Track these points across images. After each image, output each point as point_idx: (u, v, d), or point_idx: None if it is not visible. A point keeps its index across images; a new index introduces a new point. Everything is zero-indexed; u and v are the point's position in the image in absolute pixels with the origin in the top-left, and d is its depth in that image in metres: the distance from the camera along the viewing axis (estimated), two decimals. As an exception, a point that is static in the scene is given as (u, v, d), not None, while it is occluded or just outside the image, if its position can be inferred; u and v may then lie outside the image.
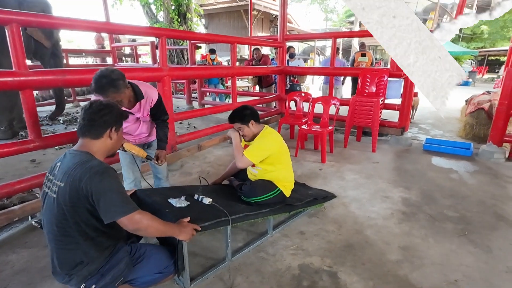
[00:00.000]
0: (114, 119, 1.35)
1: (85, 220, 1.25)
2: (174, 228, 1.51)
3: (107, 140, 1.35)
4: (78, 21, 2.56)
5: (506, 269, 1.93)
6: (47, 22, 2.54)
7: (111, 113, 1.33)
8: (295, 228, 2.39)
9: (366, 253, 2.09)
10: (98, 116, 1.30)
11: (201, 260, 2.00)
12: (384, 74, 4.45)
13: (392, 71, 4.42)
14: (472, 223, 2.45)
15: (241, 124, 2.18)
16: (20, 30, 2.21)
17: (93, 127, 1.30)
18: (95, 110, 1.30)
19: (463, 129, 5.18)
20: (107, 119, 1.32)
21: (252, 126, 2.19)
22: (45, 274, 1.83)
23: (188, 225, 1.58)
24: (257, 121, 2.21)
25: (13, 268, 1.91)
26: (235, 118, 2.19)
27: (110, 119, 1.33)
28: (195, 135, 4.02)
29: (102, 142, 1.34)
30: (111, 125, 1.33)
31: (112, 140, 1.36)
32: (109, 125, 1.33)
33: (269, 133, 2.23)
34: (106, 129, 1.32)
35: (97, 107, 1.31)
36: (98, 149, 1.33)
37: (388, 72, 4.45)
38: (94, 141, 1.32)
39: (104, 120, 1.31)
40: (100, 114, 1.30)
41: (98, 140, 1.32)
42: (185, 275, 1.73)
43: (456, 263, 1.98)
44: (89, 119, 1.30)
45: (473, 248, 2.13)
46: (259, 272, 1.89)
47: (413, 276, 1.86)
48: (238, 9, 15.85)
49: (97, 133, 1.31)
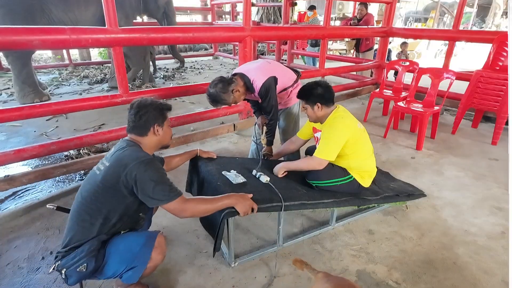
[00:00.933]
0: (154, 117, 1.39)
1: (114, 204, 1.30)
2: (227, 200, 1.44)
3: (153, 136, 1.41)
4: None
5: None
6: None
7: (148, 113, 1.37)
8: (363, 224, 2.06)
9: (451, 277, 1.64)
10: (137, 118, 1.37)
11: (251, 238, 1.92)
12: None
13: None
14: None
15: (305, 103, 1.89)
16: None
17: (136, 128, 1.38)
18: (134, 112, 1.37)
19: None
20: (146, 119, 1.37)
21: (317, 109, 1.86)
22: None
23: (249, 199, 1.50)
24: (326, 104, 1.86)
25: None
26: (302, 94, 1.90)
27: (150, 119, 1.38)
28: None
29: (149, 138, 1.41)
30: (152, 123, 1.39)
31: (159, 135, 1.42)
32: (150, 124, 1.38)
33: (340, 117, 1.85)
34: (149, 128, 1.39)
35: (134, 110, 1.37)
36: (146, 144, 1.40)
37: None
38: (141, 138, 1.40)
39: (144, 121, 1.37)
40: (138, 116, 1.36)
41: (144, 137, 1.40)
42: (230, 252, 1.67)
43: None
44: (131, 121, 1.38)
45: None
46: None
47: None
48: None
49: (142, 132, 1.39)
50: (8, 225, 2.04)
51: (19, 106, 2.30)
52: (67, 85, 5.81)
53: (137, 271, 1.30)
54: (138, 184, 1.24)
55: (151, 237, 1.35)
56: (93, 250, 1.25)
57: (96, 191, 1.29)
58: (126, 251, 1.29)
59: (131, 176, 1.24)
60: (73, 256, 1.24)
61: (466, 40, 4.48)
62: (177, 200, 1.29)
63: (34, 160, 2.93)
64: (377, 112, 4.36)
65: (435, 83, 3.39)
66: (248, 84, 2.09)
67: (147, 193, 1.26)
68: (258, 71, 2.10)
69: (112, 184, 1.27)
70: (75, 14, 4.54)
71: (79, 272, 1.23)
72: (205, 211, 1.41)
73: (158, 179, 1.27)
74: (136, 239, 1.34)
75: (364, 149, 1.93)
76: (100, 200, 1.28)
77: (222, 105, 2.06)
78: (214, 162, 1.96)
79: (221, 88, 1.97)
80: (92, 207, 1.28)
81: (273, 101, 2.10)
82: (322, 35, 4.06)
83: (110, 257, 1.29)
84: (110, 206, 1.29)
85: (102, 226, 1.29)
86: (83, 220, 1.29)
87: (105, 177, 1.28)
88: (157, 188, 1.26)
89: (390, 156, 3.04)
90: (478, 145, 3.32)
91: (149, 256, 1.31)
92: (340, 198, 1.88)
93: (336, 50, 10.46)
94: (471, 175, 2.69)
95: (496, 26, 16.47)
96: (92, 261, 1.24)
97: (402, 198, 2.14)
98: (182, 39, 2.81)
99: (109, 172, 1.28)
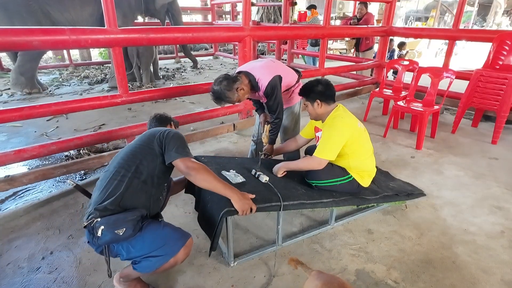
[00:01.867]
0: (169, 120, 1.87)
1: (148, 161, 1.43)
2: (231, 191, 1.47)
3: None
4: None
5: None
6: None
7: (165, 116, 1.89)
8: (363, 224, 2.06)
9: (450, 277, 1.64)
10: (158, 118, 1.86)
11: (250, 238, 1.93)
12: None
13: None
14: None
15: (306, 100, 1.90)
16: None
17: (157, 121, 1.83)
18: (156, 117, 1.87)
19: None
20: (165, 119, 1.87)
21: (317, 106, 1.87)
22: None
23: (250, 199, 1.51)
24: (326, 102, 1.87)
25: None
26: (303, 91, 1.92)
27: (167, 119, 1.87)
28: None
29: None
30: (169, 120, 1.86)
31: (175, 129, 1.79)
32: (168, 120, 1.86)
33: (340, 116, 1.85)
34: (166, 123, 1.83)
35: (156, 116, 1.87)
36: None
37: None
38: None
39: (164, 118, 1.87)
40: (158, 116, 1.86)
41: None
42: (229, 252, 1.68)
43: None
44: (152, 122, 1.84)
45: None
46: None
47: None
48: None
49: (164, 123, 1.82)
50: (8, 225, 2.05)
51: (20, 107, 2.30)
52: (68, 85, 5.82)
53: (158, 261, 1.32)
54: (168, 140, 1.44)
55: (185, 235, 1.40)
56: (135, 219, 1.31)
57: (134, 150, 1.46)
58: (161, 236, 1.35)
59: (164, 134, 1.46)
60: (115, 218, 1.28)
61: (466, 39, 4.47)
62: (192, 159, 1.43)
63: (35, 160, 2.94)
64: (377, 112, 4.36)
65: (435, 82, 3.39)
66: (253, 83, 2.07)
67: (173, 146, 1.42)
68: (263, 69, 2.09)
69: (147, 143, 1.46)
70: (71, 15, 4.56)
71: (116, 234, 1.26)
72: (208, 181, 1.43)
73: (183, 141, 1.48)
74: (172, 230, 1.39)
75: (364, 149, 1.93)
76: (137, 155, 1.43)
77: (226, 103, 2.05)
78: (213, 162, 1.96)
79: (226, 86, 1.96)
80: (128, 162, 1.41)
81: (278, 99, 2.09)
82: (322, 34, 4.05)
83: (143, 235, 1.33)
84: (144, 159, 1.42)
85: (134, 179, 1.37)
86: (117, 173, 1.38)
87: (143, 139, 1.49)
88: (181, 146, 1.44)
89: (389, 156, 3.04)
90: (478, 144, 3.31)
91: (177, 251, 1.33)
92: (339, 198, 1.88)
93: (336, 50, 10.44)
94: (471, 175, 2.68)
95: (497, 25, 16.42)
96: (131, 229, 1.28)
97: (401, 197, 2.14)
98: (182, 39, 2.82)
99: (147, 134, 1.51)
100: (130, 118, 4.03)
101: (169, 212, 2.13)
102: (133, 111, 4.29)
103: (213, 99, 2.03)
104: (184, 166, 1.39)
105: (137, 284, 1.49)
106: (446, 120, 4.01)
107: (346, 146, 1.83)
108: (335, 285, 1.07)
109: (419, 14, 18.24)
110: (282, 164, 1.98)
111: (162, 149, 1.44)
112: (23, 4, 4.21)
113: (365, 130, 1.95)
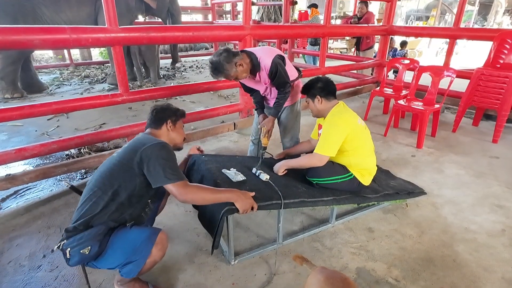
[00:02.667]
0: (168, 115, 1.60)
1: (127, 181, 1.35)
2: (229, 194, 1.47)
3: (166, 131, 1.59)
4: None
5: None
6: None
7: (164, 111, 1.61)
8: (363, 222, 2.06)
9: (450, 275, 1.64)
10: (154, 115, 1.60)
11: (251, 236, 1.93)
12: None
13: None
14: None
15: (307, 97, 1.94)
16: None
17: (152, 122, 1.59)
18: (152, 111, 1.62)
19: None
20: (162, 116, 1.59)
21: (318, 102, 1.90)
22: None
23: (250, 198, 1.52)
24: (326, 98, 1.90)
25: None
26: (304, 88, 1.97)
27: (165, 116, 1.60)
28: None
29: (163, 132, 1.58)
30: (166, 119, 1.59)
31: (171, 130, 1.60)
32: (164, 119, 1.59)
33: (339, 112, 1.88)
34: (162, 122, 1.58)
35: (153, 109, 1.62)
36: (161, 137, 1.56)
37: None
38: (156, 130, 1.57)
39: (159, 116, 1.59)
40: (155, 113, 1.60)
41: (159, 130, 1.58)
42: (230, 250, 1.68)
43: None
44: (149, 118, 1.61)
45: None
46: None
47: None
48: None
49: (156, 125, 1.58)
50: (9, 223, 2.05)
51: (20, 106, 2.31)
52: (68, 84, 5.82)
53: (136, 265, 1.31)
54: (151, 161, 1.33)
55: (153, 233, 1.36)
56: (100, 234, 1.28)
57: (112, 168, 1.38)
58: (129, 243, 1.31)
59: (146, 154, 1.33)
60: (79, 237, 1.26)
61: (467, 38, 4.46)
62: (181, 183, 1.35)
63: (35, 159, 2.95)
64: (378, 111, 4.36)
65: (435, 81, 3.39)
66: (254, 62, 2.02)
67: (157, 170, 1.32)
68: (265, 50, 2.08)
69: (127, 161, 1.35)
70: (67, 15, 4.52)
71: (82, 254, 1.25)
72: (206, 198, 1.43)
73: (169, 160, 1.37)
74: (139, 233, 1.35)
75: (365, 146, 1.93)
76: (114, 175, 1.35)
77: (222, 76, 1.94)
78: (214, 160, 1.96)
79: (225, 58, 1.89)
80: (105, 182, 1.34)
81: (284, 75, 2.04)
82: (322, 33, 4.05)
83: (112, 246, 1.30)
84: (122, 181, 1.34)
85: (111, 202, 1.32)
86: (94, 194, 1.33)
87: (122, 155, 1.39)
88: (167, 167, 1.34)
89: (390, 155, 3.04)
90: (478, 143, 3.31)
91: (150, 251, 1.31)
92: (340, 196, 1.88)
93: (336, 49, 10.43)
94: (472, 173, 2.68)
95: (498, 24, 16.39)
96: (96, 245, 1.26)
97: (402, 196, 2.14)
98: (182, 38, 2.82)
99: (127, 150, 1.40)
100: (130, 117, 4.03)
101: (170, 211, 2.13)
102: (133, 110, 4.30)
103: (211, 71, 1.95)
104: (177, 193, 1.34)
105: (135, 284, 1.49)
106: (447, 119, 4.00)
107: (346, 143, 1.83)
108: (337, 280, 1.07)
109: (420, 14, 18.21)
110: (283, 162, 1.98)
111: (142, 170, 1.34)
112: (16, 3, 4.17)
113: (366, 127, 1.96)
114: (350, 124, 1.84)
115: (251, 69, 2.04)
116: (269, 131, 2.21)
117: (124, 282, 1.47)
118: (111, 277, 1.58)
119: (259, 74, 2.07)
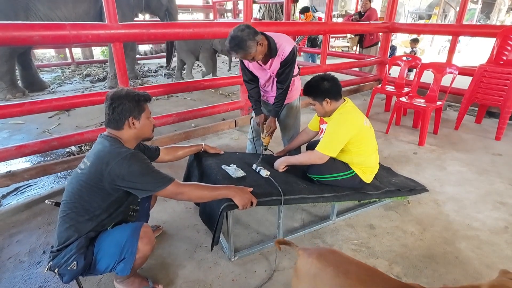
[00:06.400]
0: (128, 110, 1.31)
1: (99, 201, 1.29)
2: (225, 190, 1.45)
3: (129, 130, 1.35)
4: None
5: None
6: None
7: (122, 105, 1.30)
8: (364, 219, 2.05)
9: (452, 272, 1.62)
10: (111, 111, 1.31)
11: (251, 233, 1.92)
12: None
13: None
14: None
15: (313, 99, 1.83)
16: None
17: (111, 122, 1.33)
18: (108, 105, 1.32)
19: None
20: (120, 112, 1.30)
21: (326, 104, 1.80)
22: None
23: (249, 193, 1.50)
24: (334, 98, 1.81)
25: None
26: (308, 90, 1.84)
27: (124, 111, 1.31)
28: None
29: (126, 132, 1.35)
30: (126, 116, 1.32)
31: (135, 128, 1.35)
32: (125, 117, 1.31)
33: (347, 112, 1.81)
34: (123, 121, 1.32)
35: (108, 102, 1.31)
36: (125, 138, 1.36)
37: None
38: (118, 131, 1.34)
39: (118, 114, 1.30)
40: (111, 108, 1.30)
41: (121, 130, 1.34)
42: (230, 246, 1.67)
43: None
44: (106, 114, 1.33)
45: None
46: (309, 261, 1.69)
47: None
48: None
49: (117, 126, 1.33)
50: (10, 220, 2.05)
51: (20, 102, 2.31)
52: (70, 83, 5.83)
53: (127, 263, 1.29)
54: (125, 180, 1.24)
55: (136, 228, 1.32)
56: (82, 247, 1.25)
57: (80, 190, 1.27)
58: (114, 245, 1.28)
59: (115, 174, 1.22)
60: (63, 255, 1.24)
61: (469, 34, 4.44)
62: (170, 187, 1.30)
63: (36, 156, 2.94)
64: (379, 108, 4.33)
65: (437, 78, 3.36)
66: (272, 46, 1.89)
67: (136, 187, 1.26)
68: (283, 37, 1.98)
69: (95, 183, 1.25)
70: (63, 12, 4.47)
71: (71, 270, 1.24)
72: (202, 196, 1.41)
73: (143, 171, 1.26)
74: (121, 232, 1.31)
75: (368, 146, 1.89)
76: (85, 198, 1.27)
77: (241, 53, 1.78)
78: (214, 156, 1.95)
79: (248, 34, 1.74)
80: (77, 206, 1.27)
81: (292, 72, 2.00)
82: (324, 30, 4.03)
83: (99, 253, 1.28)
84: (96, 204, 1.28)
85: (91, 222, 1.28)
86: (71, 219, 1.27)
87: (88, 176, 1.26)
88: (145, 179, 1.26)
89: (392, 152, 3.02)
90: (481, 141, 3.28)
91: (136, 247, 1.29)
92: (341, 192, 1.87)
93: (338, 47, 10.39)
94: (474, 170, 2.66)
95: (501, 22, 16.29)
96: (81, 259, 1.24)
97: (404, 193, 2.12)
98: (182, 35, 2.81)
99: (92, 170, 1.25)
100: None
101: (170, 208, 2.12)
102: (134, 108, 4.29)
103: (230, 46, 1.78)
104: (171, 195, 1.32)
105: (134, 280, 1.48)
106: (449, 117, 3.97)
107: (349, 143, 1.81)
108: (328, 255, 1.09)
109: (422, 12, 18.13)
110: (284, 159, 1.96)
111: (117, 185, 1.25)
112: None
113: (371, 127, 1.91)
114: (356, 126, 1.79)
115: (266, 53, 1.91)
116: (273, 132, 2.18)
117: (122, 279, 1.46)
118: (109, 274, 1.57)
119: (272, 60, 1.97)
